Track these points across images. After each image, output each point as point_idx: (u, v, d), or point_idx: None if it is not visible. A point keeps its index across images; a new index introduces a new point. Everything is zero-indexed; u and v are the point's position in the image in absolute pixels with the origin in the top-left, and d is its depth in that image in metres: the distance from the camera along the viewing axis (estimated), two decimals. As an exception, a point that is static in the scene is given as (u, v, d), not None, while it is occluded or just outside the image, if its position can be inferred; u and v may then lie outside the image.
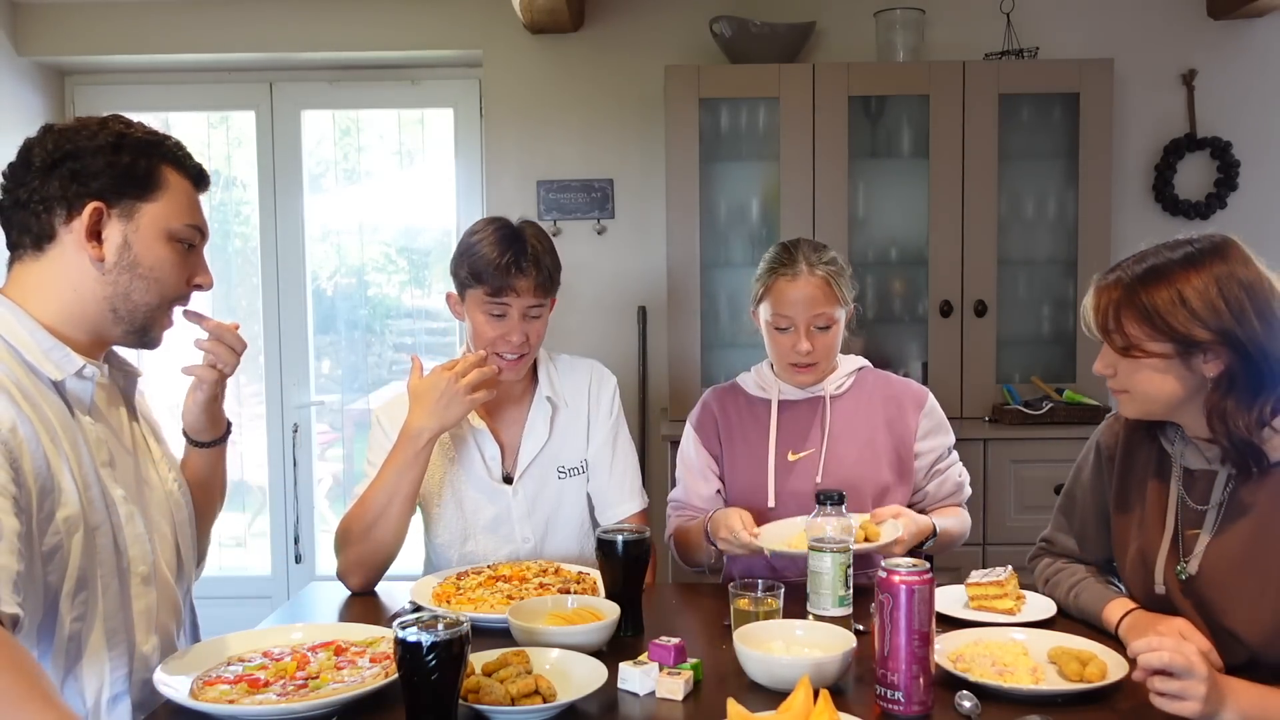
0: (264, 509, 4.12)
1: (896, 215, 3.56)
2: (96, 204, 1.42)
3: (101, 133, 1.44)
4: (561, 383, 2.13)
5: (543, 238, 2.00)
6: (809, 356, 2.02)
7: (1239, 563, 1.50)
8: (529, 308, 1.96)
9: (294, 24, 3.75)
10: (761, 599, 1.62)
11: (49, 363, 1.40)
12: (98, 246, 1.43)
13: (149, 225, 1.45)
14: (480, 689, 1.35)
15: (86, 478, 1.40)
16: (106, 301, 1.45)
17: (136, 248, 1.45)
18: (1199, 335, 1.45)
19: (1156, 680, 1.27)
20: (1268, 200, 3.69)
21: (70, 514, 1.35)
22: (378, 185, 4.10)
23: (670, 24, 3.70)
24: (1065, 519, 1.81)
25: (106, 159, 1.42)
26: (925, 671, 1.37)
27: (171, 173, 1.48)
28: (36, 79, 3.85)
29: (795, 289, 2.01)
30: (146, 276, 1.46)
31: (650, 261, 3.71)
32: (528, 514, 2.07)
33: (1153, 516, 1.62)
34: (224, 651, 1.53)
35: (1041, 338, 3.57)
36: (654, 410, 3.76)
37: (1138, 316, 1.48)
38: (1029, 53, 3.51)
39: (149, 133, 1.49)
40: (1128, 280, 1.51)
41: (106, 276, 1.44)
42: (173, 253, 1.48)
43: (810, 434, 2.08)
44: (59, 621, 1.35)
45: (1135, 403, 1.56)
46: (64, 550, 1.34)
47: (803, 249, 2.04)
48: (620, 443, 2.15)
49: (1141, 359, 1.50)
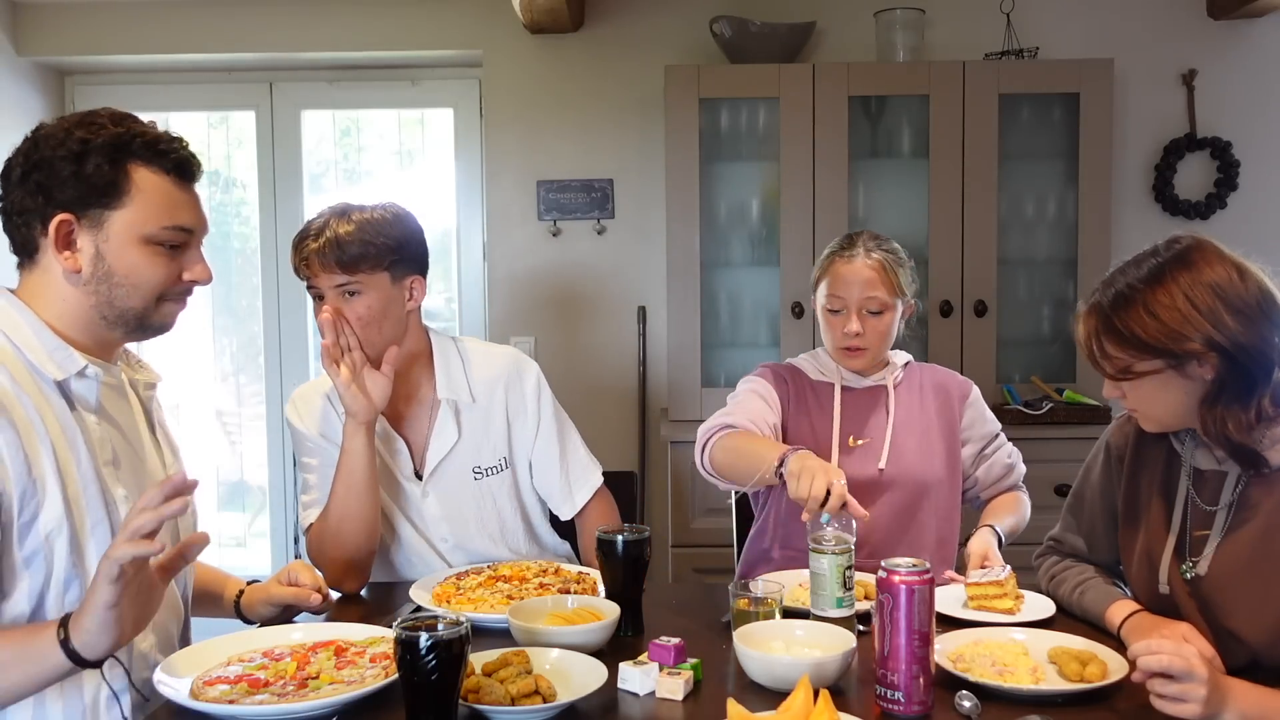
0: (264, 509, 4.12)
1: (896, 215, 3.56)
2: (64, 216, 1.39)
3: (68, 140, 1.39)
4: (469, 377, 2.05)
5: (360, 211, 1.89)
6: (858, 340, 2.02)
7: (1246, 565, 1.50)
8: (336, 287, 1.88)
9: (294, 24, 3.75)
10: (762, 599, 1.62)
11: (51, 363, 1.41)
12: (71, 257, 1.41)
13: (119, 233, 1.42)
14: (480, 689, 1.35)
15: (84, 476, 1.40)
16: (94, 309, 1.45)
17: (109, 258, 1.42)
18: (1182, 347, 1.46)
19: (1156, 683, 1.27)
20: (1268, 200, 3.69)
21: (53, 517, 1.36)
22: (378, 185, 4.09)
23: (670, 24, 3.70)
24: (1074, 519, 1.81)
25: (71, 169, 1.38)
26: (925, 672, 1.37)
27: (143, 173, 1.42)
28: (36, 79, 3.85)
29: (850, 270, 2.03)
30: (124, 284, 1.43)
31: (650, 261, 3.71)
32: (442, 516, 2.02)
33: (1161, 517, 1.62)
34: (224, 651, 1.53)
35: (1041, 338, 3.57)
36: (654, 410, 3.76)
37: (1118, 342, 1.50)
38: (1029, 53, 3.50)
39: (118, 133, 1.42)
40: (1101, 307, 1.53)
41: (86, 287, 1.43)
42: (150, 256, 1.44)
43: (870, 421, 2.08)
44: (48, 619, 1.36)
45: (1151, 419, 1.58)
46: (45, 552, 1.37)
47: (864, 235, 2.09)
48: (564, 432, 2.11)
49: (1138, 379, 1.51)
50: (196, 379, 4.07)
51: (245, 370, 4.16)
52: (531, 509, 2.12)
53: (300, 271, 1.91)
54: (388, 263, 1.90)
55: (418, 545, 2.04)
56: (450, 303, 4.02)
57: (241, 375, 4.18)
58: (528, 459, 2.09)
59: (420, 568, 2.03)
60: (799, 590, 1.80)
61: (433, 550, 2.04)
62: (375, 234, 1.88)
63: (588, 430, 2.22)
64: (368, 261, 1.87)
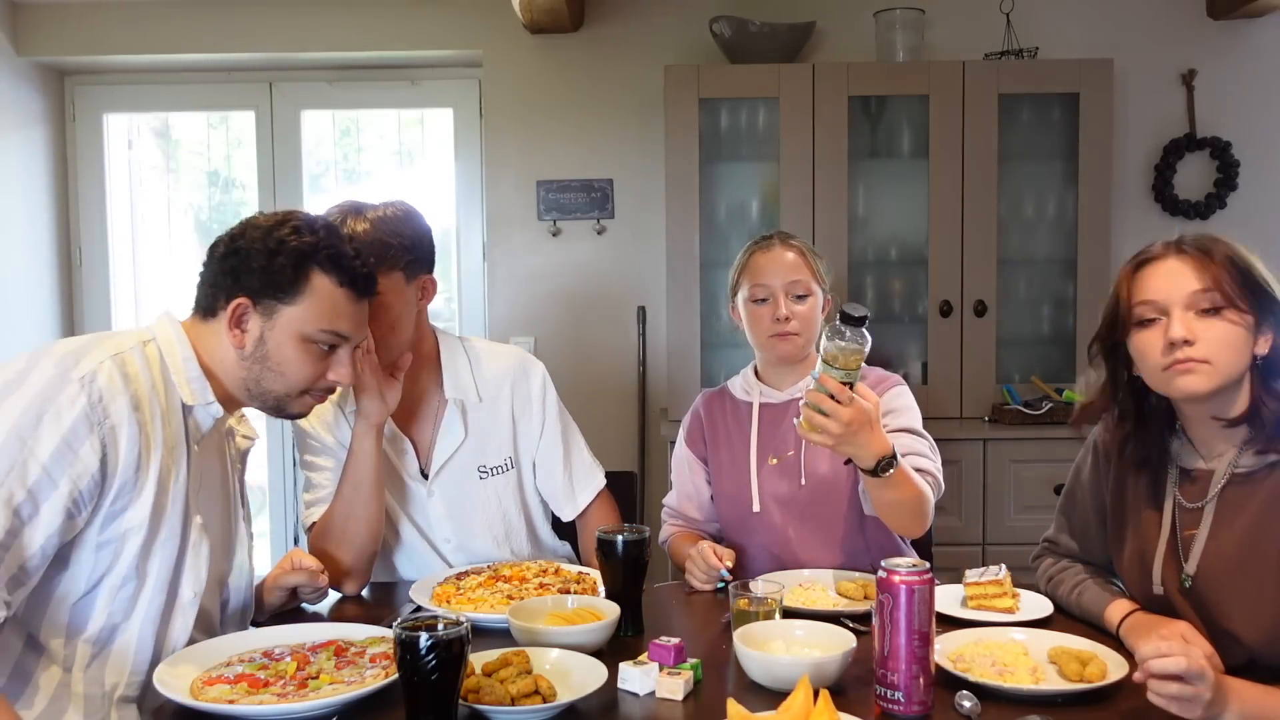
0: (264, 509, 4.12)
1: (896, 215, 3.56)
2: (242, 300, 1.57)
3: (269, 237, 1.58)
4: (476, 376, 2.04)
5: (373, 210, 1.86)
6: (789, 325, 2.01)
7: (1235, 564, 1.50)
8: None
9: (294, 24, 3.75)
10: (762, 599, 1.62)
11: (188, 388, 1.57)
12: (239, 335, 1.59)
13: (284, 325, 1.58)
14: (480, 689, 1.35)
15: (176, 493, 1.54)
16: (241, 381, 1.61)
17: (269, 344, 1.59)
18: (1273, 307, 1.46)
19: (1164, 684, 1.25)
20: (1268, 200, 3.69)
21: (138, 517, 1.48)
22: (377, 185, 4.09)
23: (670, 24, 3.70)
24: (1066, 519, 1.81)
25: (262, 262, 1.56)
26: (925, 671, 1.37)
27: (322, 279, 1.59)
28: (36, 79, 3.85)
29: (771, 258, 2.05)
30: (275, 370, 1.60)
31: (650, 261, 3.71)
32: (446, 515, 2.02)
33: (1150, 517, 1.62)
34: (224, 651, 1.53)
35: (1041, 338, 3.57)
36: (654, 410, 3.76)
37: (1236, 275, 1.46)
38: (1029, 53, 3.51)
39: (310, 241, 1.58)
40: (1221, 242, 1.50)
41: (243, 362, 1.60)
42: (303, 352, 1.60)
43: (790, 436, 2.04)
44: (97, 608, 1.48)
45: (1216, 373, 1.46)
46: (118, 544, 1.48)
47: (777, 232, 2.13)
48: (568, 433, 2.11)
49: (1230, 323, 1.46)
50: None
51: (245, 370, 4.16)
52: (534, 510, 2.12)
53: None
54: (403, 262, 1.87)
55: (419, 546, 2.03)
56: (450, 303, 4.01)
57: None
58: (532, 459, 2.09)
59: (420, 568, 2.03)
60: (799, 590, 1.80)
61: (434, 551, 2.04)
62: (390, 232, 1.85)
63: (588, 430, 2.21)
64: (384, 262, 1.83)
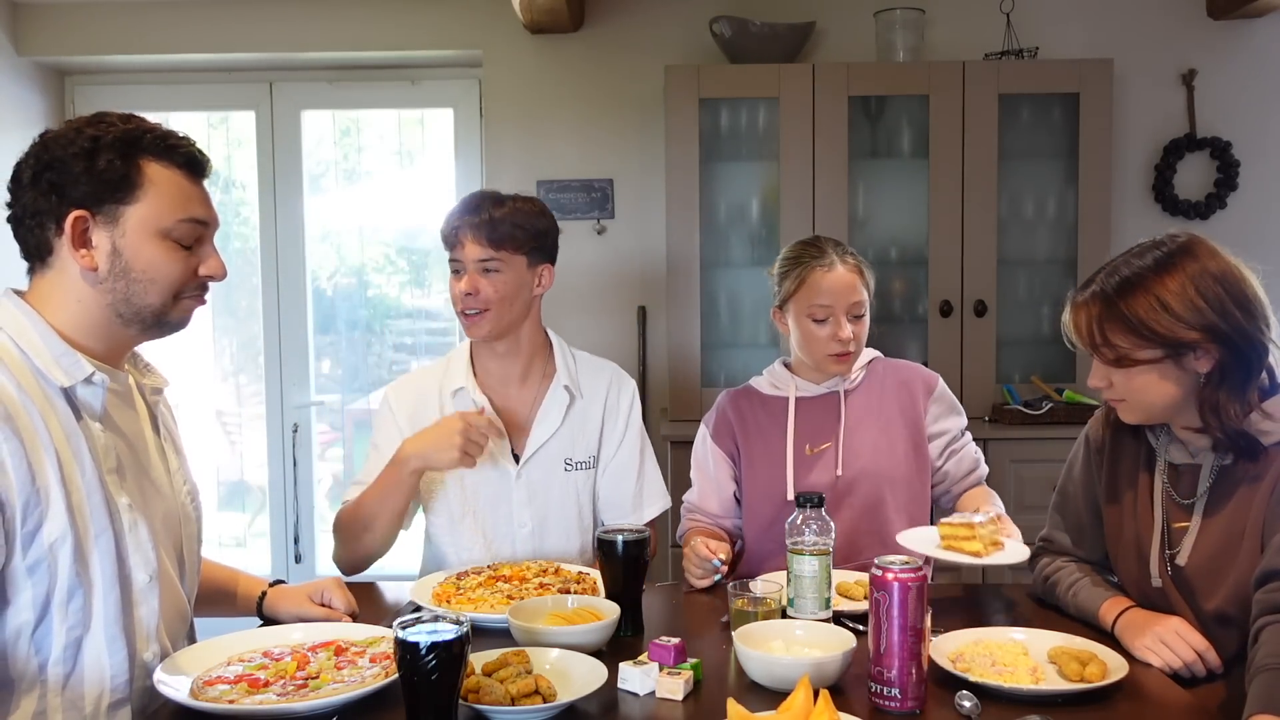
0: (264, 509, 4.12)
1: (896, 215, 3.56)
2: (78, 213, 1.39)
3: (78, 138, 1.39)
4: (579, 376, 2.14)
5: (512, 200, 2.05)
6: (850, 345, 2.03)
7: (1221, 550, 1.54)
8: (479, 260, 2.01)
9: (294, 24, 3.75)
10: (760, 599, 1.62)
11: (58, 369, 1.40)
12: (88, 255, 1.40)
13: (136, 228, 1.41)
14: (480, 689, 1.35)
15: (88, 485, 1.40)
16: (110, 308, 1.43)
17: (126, 253, 1.41)
18: (1186, 336, 1.48)
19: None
20: (1268, 200, 3.69)
21: (57, 527, 1.35)
22: (377, 185, 4.10)
23: (670, 24, 3.70)
24: (1060, 516, 1.82)
25: (83, 165, 1.38)
26: (920, 668, 1.38)
27: (156, 168, 1.42)
28: (36, 79, 3.86)
29: (833, 277, 2.03)
30: (142, 279, 1.43)
31: (650, 261, 3.71)
32: (528, 500, 2.07)
33: (1143, 511, 1.65)
34: (224, 651, 1.53)
35: (1041, 338, 3.57)
36: (654, 410, 3.75)
37: (1123, 328, 1.51)
38: (1029, 53, 3.51)
39: (128, 129, 1.42)
40: (1106, 293, 1.53)
41: (103, 285, 1.42)
42: (167, 251, 1.44)
43: (827, 428, 2.09)
44: (54, 629, 1.37)
45: (1135, 410, 1.58)
46: (49, 562, 1.35)
47: (828, 242, 2.09)
48: (645, 450, 2.18)
49: (1134, 368, 1.52)
50: (196, 379, 4.07)
51: (245, 370, 4.17)
52: (599, 513, 2.17)
53: (448, 240, 2.07)
54: (528, 248, 2.03)
55: (498, 527, 2.07)
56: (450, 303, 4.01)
57: (241, 375, 4.18)
58: (607, 463, 2.14)
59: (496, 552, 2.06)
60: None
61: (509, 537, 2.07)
62: (524, 220, 2.03)
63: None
64: (512, 243, 2.01)
